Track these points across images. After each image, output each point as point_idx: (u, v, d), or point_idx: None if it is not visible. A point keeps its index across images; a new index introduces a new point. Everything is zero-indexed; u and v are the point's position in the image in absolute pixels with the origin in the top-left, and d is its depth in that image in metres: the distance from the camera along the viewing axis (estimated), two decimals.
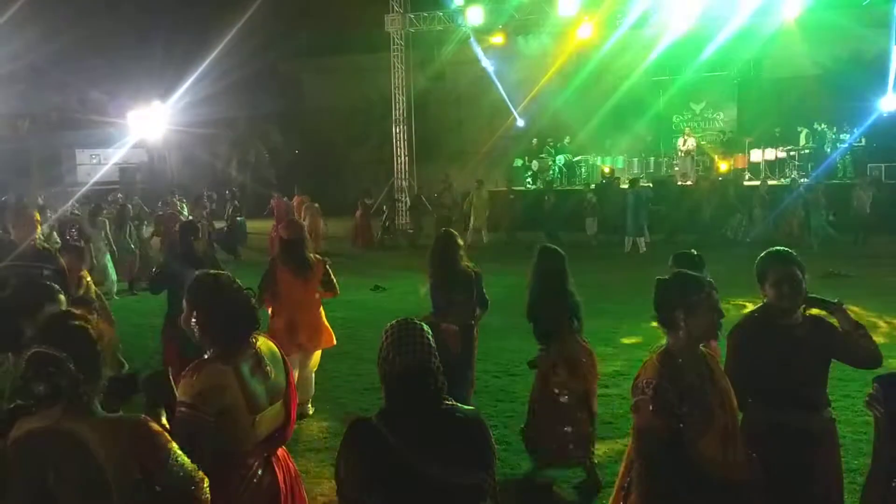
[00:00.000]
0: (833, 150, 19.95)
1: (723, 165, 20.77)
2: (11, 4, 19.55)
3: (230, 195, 19.90)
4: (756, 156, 21.06)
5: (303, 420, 5.95)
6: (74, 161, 28.91)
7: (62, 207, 16.20)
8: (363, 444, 2.21)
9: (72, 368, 2.07)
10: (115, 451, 2.04)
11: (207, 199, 17.75)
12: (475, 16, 21.22)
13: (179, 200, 17.49)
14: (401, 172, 23.90)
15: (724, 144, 22.38)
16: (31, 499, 2.04)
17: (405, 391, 2.25)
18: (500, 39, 22.15)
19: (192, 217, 12.87)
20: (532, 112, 24.63)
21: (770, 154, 20.84)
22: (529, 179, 22.79)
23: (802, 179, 18.03)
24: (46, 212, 11.98)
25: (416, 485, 2.17)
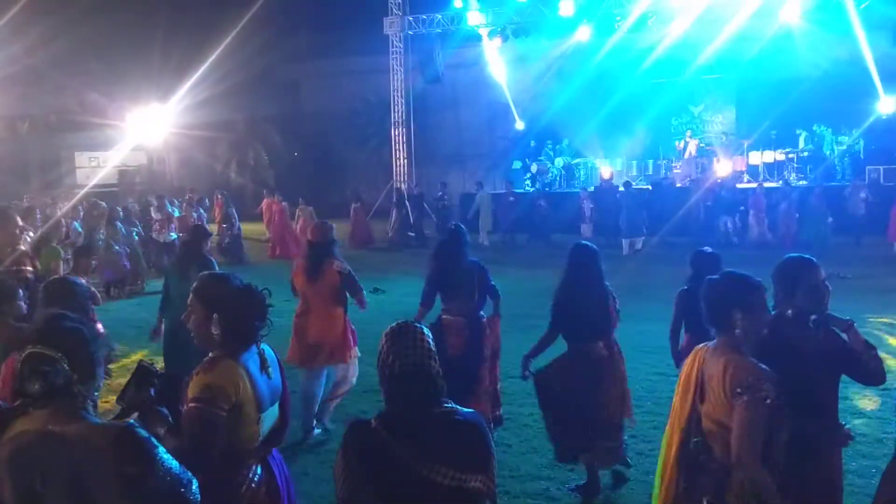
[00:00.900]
0: (832, 153, 19.99)
1: (722, 168, 20.77)
2: (10, 7, 19.54)
3: (222, 198, 19.21)
4: (755, 158, 21.09)
5: (299, 421, 5.91)
6: (73, 163, 28.88)
7: (60, 208, 16.18)
8: (362, 446, 2.22)
9: (66, 368, 2.08)
10: (101, 457, 2.03)
11: (198, 202, 17.50)
12: (474, 18, 21.25)
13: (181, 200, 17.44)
14: (400, 174, 23.92)
15: (723, 147, 22.40)
16: (20, 501, 2.03)
17: (403, 393, 2.26)
18: (499, 42, 22.17)
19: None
20: (531, 114, 24.63)
21: (769, 156, 20.87)
22: (528, 182, 22.81)
23: (801, 182, 18.00)
24: (36, 213, 11.92)
25: (415, 487, 2.17)
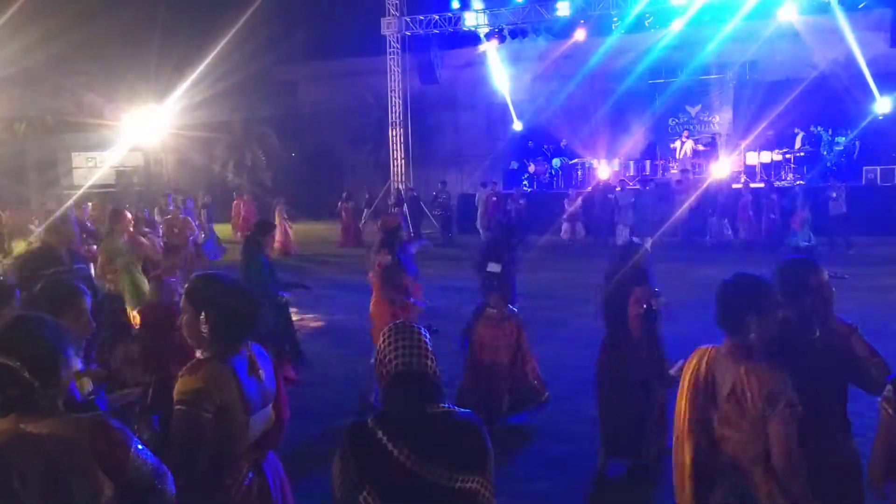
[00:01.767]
0: (829, 153, 19.99)
1: (718, 168, 20.77)
2: (7, 8, 19.51)
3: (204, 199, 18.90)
4: (752, 159, 21.10)
5: (300, 422, 5.92)
6: (70, 164, 28.89)
7: (58, 209, 16.12)
8: (359, 447, 2.21)
9: (25, 377, 2.03)
10: (76, 451, 2.02)
11: (182, 203, 17.36)
12: (471, 19, 21.26)
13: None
14: (397, 175, 23.92)
15: (720, 147, 22.40)
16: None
17: (401, 394, 2.26)
18: (496, 42, 22.18)
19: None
20: (528, 115, 24.65)
21: (766, 157, 20.88)
22: (526, 182, 22.82)
23: (798, 182, 17.95)
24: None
25: (412, 488, 2.17)
